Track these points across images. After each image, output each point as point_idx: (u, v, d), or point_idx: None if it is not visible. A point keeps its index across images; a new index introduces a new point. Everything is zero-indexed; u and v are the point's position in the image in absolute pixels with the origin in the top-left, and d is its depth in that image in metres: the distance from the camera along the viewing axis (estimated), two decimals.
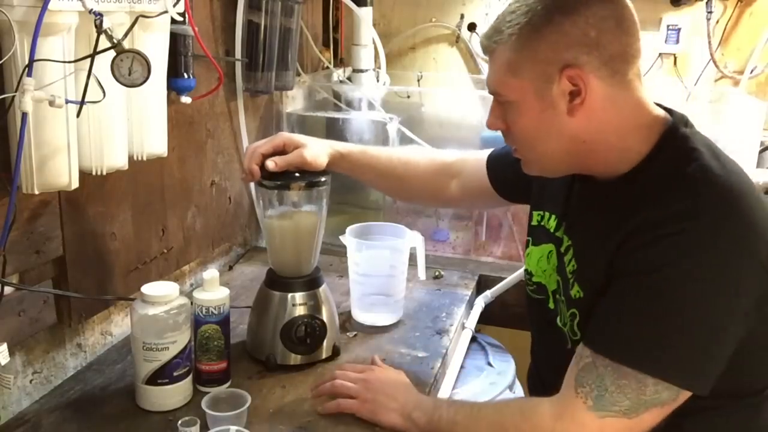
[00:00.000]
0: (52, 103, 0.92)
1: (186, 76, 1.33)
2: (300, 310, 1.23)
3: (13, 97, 0.91)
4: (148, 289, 1.08)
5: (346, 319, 1.43)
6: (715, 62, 2.17)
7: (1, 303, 0.99)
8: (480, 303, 1.65)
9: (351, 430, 1.07)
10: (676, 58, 2.22)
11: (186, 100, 1.34)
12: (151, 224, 1.36)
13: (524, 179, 1.20)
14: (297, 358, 1.23)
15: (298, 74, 1.86)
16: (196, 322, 1.14)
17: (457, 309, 1.53)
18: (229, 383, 1.17)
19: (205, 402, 1.05)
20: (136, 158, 1.17)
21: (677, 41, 2.19)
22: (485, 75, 2.45)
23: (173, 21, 1.14)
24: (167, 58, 1.19)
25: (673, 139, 0.94)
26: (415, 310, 1.50)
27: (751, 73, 2.15)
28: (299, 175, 1.22)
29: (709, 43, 2.14)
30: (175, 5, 1.10)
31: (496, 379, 1.55)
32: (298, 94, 1.97)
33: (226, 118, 1.61)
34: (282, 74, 1.69)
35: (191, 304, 1.12)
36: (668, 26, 2.18)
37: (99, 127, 1.05)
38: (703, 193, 0.88)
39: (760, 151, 1.88)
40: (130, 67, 0.93)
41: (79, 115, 0.97)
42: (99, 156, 1.06)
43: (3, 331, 1.02)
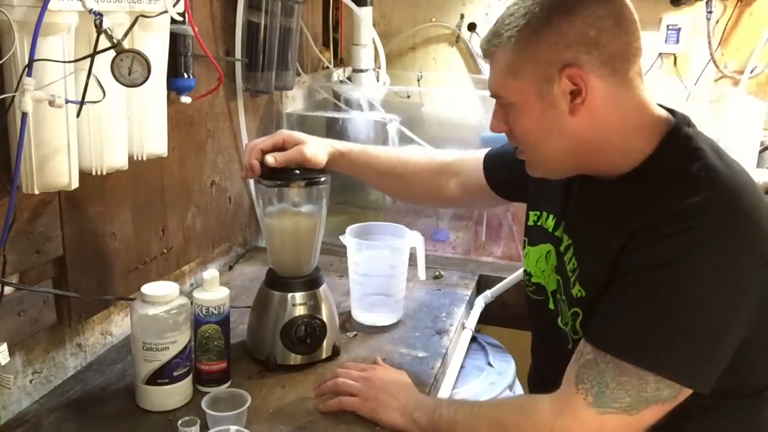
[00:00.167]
0: (52, 103, 0.92)
1: (186, 76, 1.33)
2: (300, 310, 1.23)
3: (13, 97, 0.91)
4: (148, 289, 1.08)
5: (346, 319, 1.43)
6: (715, 62, 2.17)
7: (1, 303, 0.99)
8: (480, 303, 1.65)
9: (352, 430, 1.07)
10: (676, 58, 2.22)
11: (186, 100, 1.34)
12: (151, 224, 1.36)
13: (521, 178, 1.19)
14: (297, 358, 1.23)
15: (298, 74, 1.86)
16: (196, 322, 1.14)
17: (457, 309, 1.53)
18: (229, 383, 1.17)
19: (205, 402, 1.05)
20: (136, 158, 1.17)
21: (677, 41, 2.19)
22: (485, 75, 2.46)
23: (173, 21, 1.14)
24: (167, 58, 1.19)
25: (676, 139, 0.95)
26: (415, 310, 1.50)
27: (751, 73, 2.15)
28: (299, 174, 1.22)
29: (709, 43, 2.14)
30: (175, 5, 1.10)
31: (496, 379, 1.55)
32: (298, 94, 1.97)
33: (226, 118, 1.61)
34: (282, 74, 1.69)
35: (191, 304, 1.12)
36: (668, 26, 2.18)
37: (99, 127, 1.05)
38: (708, 192, 0.87)
39: (760, 151, 1.88)
40: (130, 67, 0.93)
41: (79, 115, 0.97)
42: (99, 156, 1.06)
43: (3, 331, 1.02)
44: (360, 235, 1.42)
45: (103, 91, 0.96)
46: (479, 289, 1.69)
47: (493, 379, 1.54)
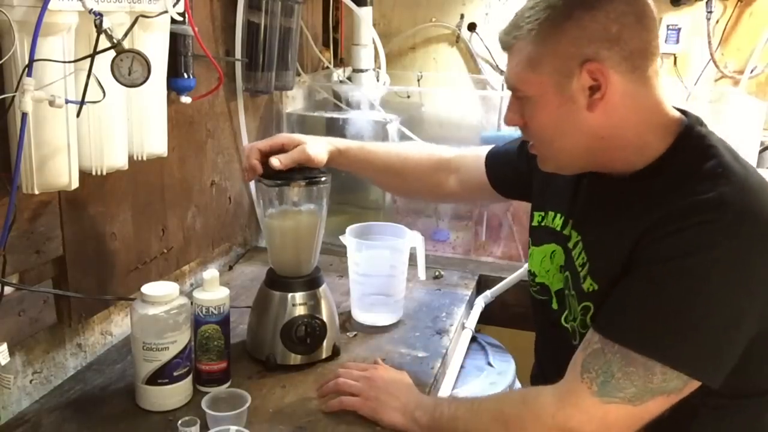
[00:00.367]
0: (52, 103, 0.92)
1: (186, 76, 1.33)
2: (300, 310, 1.23)
3: (13, 97, 0.91)
4: (148, 289, 1.08)
5: (346, 319, 1.43)
6: (715, 62, 2.17)
7: (1, 303, 0.99)
8: (480, 303, 1.65)
9: (352, 430, 1.07)
10: (676, 58, 2.22)
11: (186, 100, 1.34)
12: (151, 224, 1.36)
13: (524, 178, 1.19)
14: (297, 358, 1.23)
15: (298, 74, 1.86)
16: (196, 322, 1.14)
17: (457, 309, 1.53)
18: (229, 383, 1.17)
19: (205, 402, 1.05)
20: (136, 158, 1.17)
21: (677, 41, 2.19)
22: (485, 75, 2.46)
23: (173, 21, 1.14)
24: (167, 58, 1.19)
25: (689, 138, 0.95)
26: (415, 310, 1.50)
27: (751, 73, 2.15)
28: (300, 173, 1.22)
29: (709, 43, 2.14)
30: (175, 5, 1.10)
31: (496, 379, 1.54)
32: (298, 94, 1.97)
33: (226, 118, 1.61)
34: (282, 74, 1.69)
35: (191, 304, 1.12)
36: (668, 26, 2.18)
37: (99, 127, 1.05)
38: (724, 188, 0.87)
39: (760, 151, 1.88)
40: (130, 67, 0.93)
41: (79, 115, 0.97)
42: (99, 156, 1.06)
43: (3, 331, 1.02)
44: (360, 235, 1.42)
45: (103, 91, 0.96)
46: (479, 289, 1.69)
47: (493, 379, 1.54)
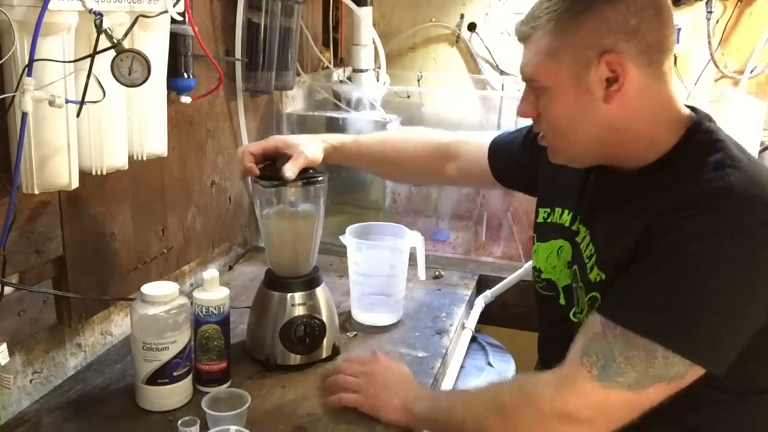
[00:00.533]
0: (52, 103, 0.92)
1: (186, 76, 1.33)
2: (299, 310, 1.23)
3: (13, 97, 0.91)
4: (148, 289, 1.08)
5: (346, 319, 1.43)
6: (715, 62, 2.16)
7: (1, 303, 0.99)
8: (480, 303, 1.65)
9: (352, 429, 1.07)
10: (676, 58, 2.21)
11: (186, 100, 1.34)
12: (151, 224, 1.36)
13: (526, 170, 1.19)
14: (296, 358, 1.23)
15: (298, 74, 1.86)
16: (196, 322, 1.14)
17: (457, 309, 1.53)
18: (229, 383, 1.17)
19: (205, 402, 1.05)
20: (136, 158, 1.17)
21: (677, 41, 2.19)
22: (485, 75, 2.45)
23: (173, 21, 1.15)
24: (167, 58, 1.19)
25: (698, 133, 0.96)
26: (415, 310, 1.50)
27: (751, 73, 2.14)
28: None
29: (709, 43, 2.14)
30: (175, 5, 1.10)
31: (496, 379, 1.54)
32: (298, 94, 1.97)
33: (226, 118, 1.61)
34: (282, 74, 1.69)
35: (191, 304, 1.12)
36: None
37: (99, 127, 1.05)
38: (732, 178, 0.87)
39: (760, 151, 1.88)
40: (130, 67, 0.93)
41: (79, 115, 0.97)
42: (99, 156, 1.06)
43: (3, 331, 1.02)
44: (360, 235, 1.42)
45: (103, 91, 0.96)
46: (479, 289, 1.69)
47: (493, 379, 1.54)
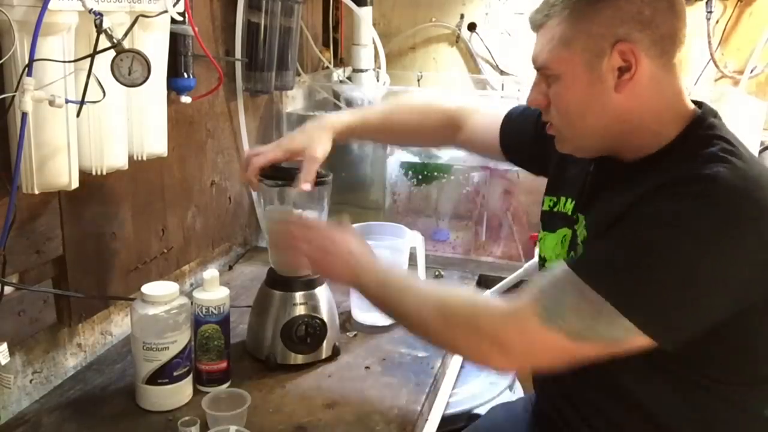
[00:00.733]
0: (52, 103, 0.92)
1: (186, 76, 1.33)
2: (300, 310, 1.23)
3: (13, 97, 0.91)
4: (148, 289, 1.08)
5: (346, 319, 1.43)
6: (715, 62, 2.17)
7: (1, 303, 0.99)
8: None
9: (352, 430, 1.07)
10: None
11: (186, 100, 1.34)
12: (151, 224, 1.36)
13: (535, 151, 1.19)
14: (297, 358, 1.23)
15: (298, 74, 1.86)
16: (196, 322, 1.14)
17: None
18: (229, 383, 1.17)
19: (205, 402, 1.05)
20: (136, 158, 1.17)
21: None
22: (485, 75, 2.44)
23: (173, 21, 1.15)
24: (167, 58, 1.19)
25: (700, 128, 0.96)
26: None
27: (751, 73, 2.15)
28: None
29: (709, 43, 2.14)
30: (175, 5, 1.10)
31: (496, 379, 1.55)
32: (298, 94, 1.97)
33: (226, 118, 1.61)
34: (282, 74, 1.69)
35: (191, 304, 1.12)
36: None
37: (99, 127, 1.05)
38: (722, 168, 0.87)
39: (760, 151, 1.88)
40: (130, 67, 0.93)
41: (79, 115, 0.97)
42: (99, 156, 1.06)
43: (3, 331, 1.02)
44: (361, 234, 1.42)
45: (103, 91, 0.96)
46: (479, 289, 1.69)
47: (493, 379, 1.54)
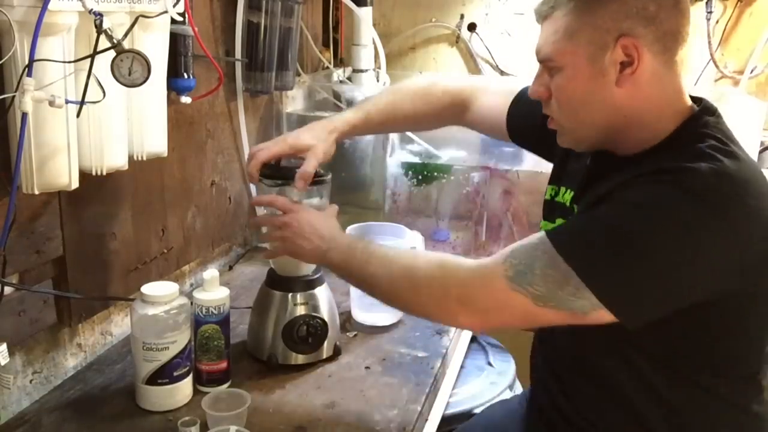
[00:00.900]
0: (52, 103, 0.92)
1: (186, 76, 1.32)
2: (301, 310, 1.23)
3: (13, 97, 0.91)
4: (148, 289, 1.08)
5: (347, 319, 1.43)
6: (715, 62, 2.17)
7: (1, 303, 0.99)
8: None
9: (352, 430, 1.07)
10: None
11: (186, 100, 1.34)
12: (151, 224, 1.36)
13: (540, 136, 1.19)
14: (298, 358, 1.24)
15: (298, 74, 1.86)
16: (196, 322, 1.14)
17: None
18: (229, 383, 1.17)
19: (205, 402, 1.05)
20: (136, 158, 1.17)
21: None
22: (485, 75, 2.44)
23: (173, 21, 1.14)
24: (167, 58, 1.19)
25: (694, 125, 0.97)
26: None
27: (751, 73, 2.15)
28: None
29: (709, 43, 2.14)
30: (175, 5, 1.10)
31: (496, 379, 1.55)
32: (298, 94, 1.97)
33: (226, 118, 1.61)
34: (282, 74, 1.69)
35: (191, 304, 1.12)
36: None
37: (99, 127, 1.05)
38: (705, 164, 0.88)
39: (760, 151, 1.88)
40: (130, 67, 0.93)
41: (79, 115, 0.97)
42: (99, 156, 1.06)
43: (3, 331, 1.02)
44: (360, 235, 1.42)
45: (103, 91, 0.96)
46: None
47: (493, 379, 1.54)
